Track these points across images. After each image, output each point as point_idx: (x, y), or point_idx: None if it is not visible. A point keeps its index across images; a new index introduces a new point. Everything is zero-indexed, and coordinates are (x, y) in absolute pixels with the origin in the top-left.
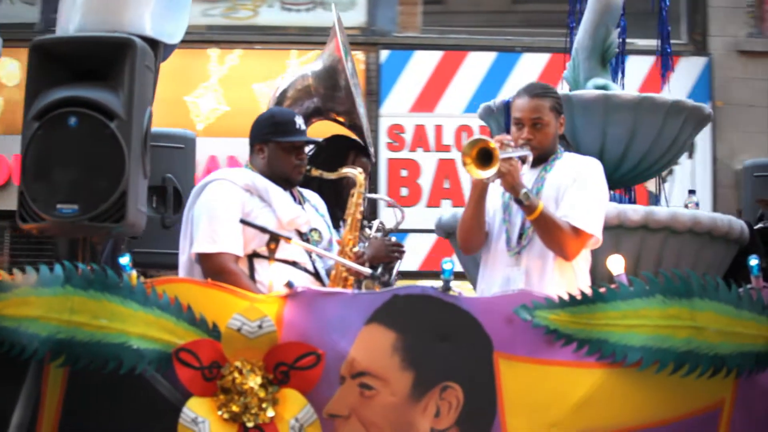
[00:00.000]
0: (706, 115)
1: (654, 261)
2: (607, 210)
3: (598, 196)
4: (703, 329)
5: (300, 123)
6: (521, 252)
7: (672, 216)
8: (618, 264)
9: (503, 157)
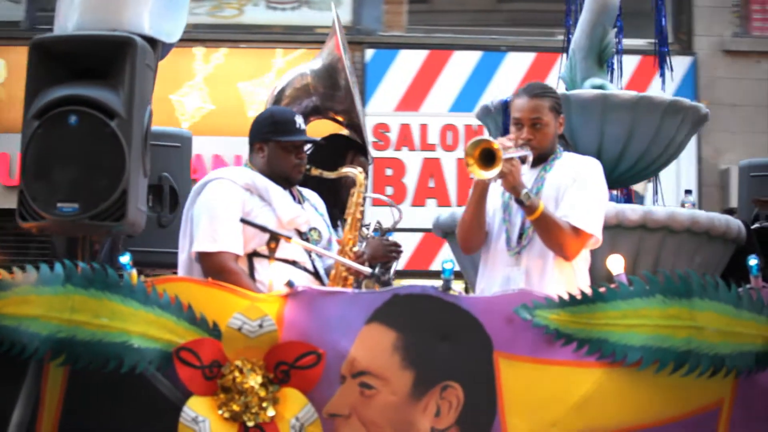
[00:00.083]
0: (703, 115)
1: (652, 260)
2: (606, 210)
3: (597, 196)
4: (703, 329)
5: (300, 122)
6: (521, 252)
7: (670, 216)
8: (618, 264)
9: (505, 158)
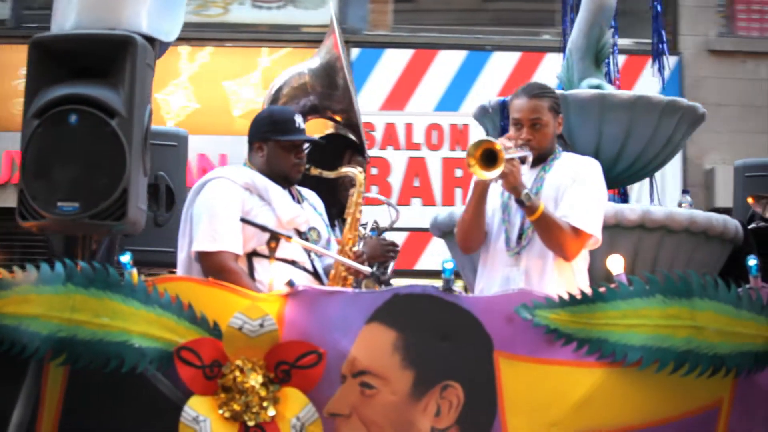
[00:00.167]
0: (700, 115)
1: (650, 260)
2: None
3: (597, 196)
4: (703, 329)
5: (299, 122)
6: (521, 252)
7: (669, 215)
8: (618, 264)
9: (506, 158)
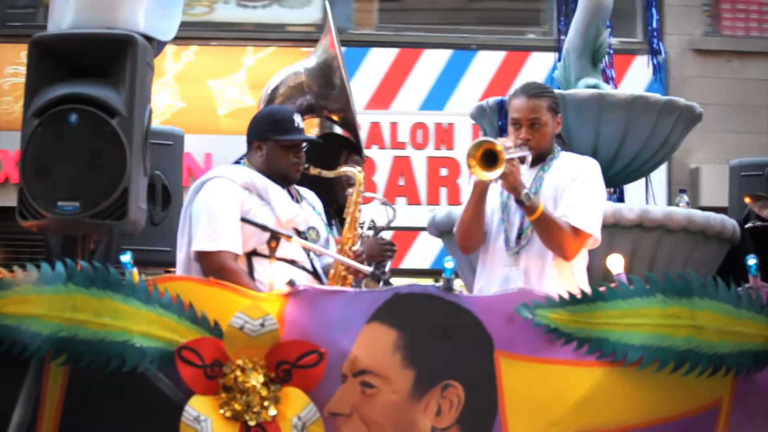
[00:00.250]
0: (697, 115)
1: (648, 259)
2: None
3: (596, 195)
4: (703, 328)
5: (298, 121)
6: (520, 252)
7: (667, 215)
8: (618, 263)
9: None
